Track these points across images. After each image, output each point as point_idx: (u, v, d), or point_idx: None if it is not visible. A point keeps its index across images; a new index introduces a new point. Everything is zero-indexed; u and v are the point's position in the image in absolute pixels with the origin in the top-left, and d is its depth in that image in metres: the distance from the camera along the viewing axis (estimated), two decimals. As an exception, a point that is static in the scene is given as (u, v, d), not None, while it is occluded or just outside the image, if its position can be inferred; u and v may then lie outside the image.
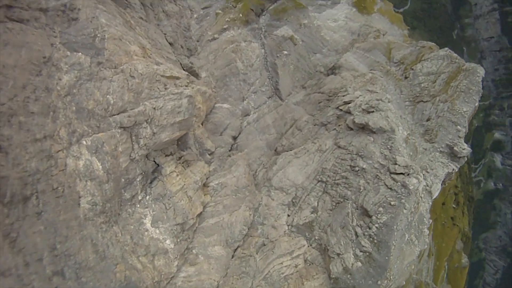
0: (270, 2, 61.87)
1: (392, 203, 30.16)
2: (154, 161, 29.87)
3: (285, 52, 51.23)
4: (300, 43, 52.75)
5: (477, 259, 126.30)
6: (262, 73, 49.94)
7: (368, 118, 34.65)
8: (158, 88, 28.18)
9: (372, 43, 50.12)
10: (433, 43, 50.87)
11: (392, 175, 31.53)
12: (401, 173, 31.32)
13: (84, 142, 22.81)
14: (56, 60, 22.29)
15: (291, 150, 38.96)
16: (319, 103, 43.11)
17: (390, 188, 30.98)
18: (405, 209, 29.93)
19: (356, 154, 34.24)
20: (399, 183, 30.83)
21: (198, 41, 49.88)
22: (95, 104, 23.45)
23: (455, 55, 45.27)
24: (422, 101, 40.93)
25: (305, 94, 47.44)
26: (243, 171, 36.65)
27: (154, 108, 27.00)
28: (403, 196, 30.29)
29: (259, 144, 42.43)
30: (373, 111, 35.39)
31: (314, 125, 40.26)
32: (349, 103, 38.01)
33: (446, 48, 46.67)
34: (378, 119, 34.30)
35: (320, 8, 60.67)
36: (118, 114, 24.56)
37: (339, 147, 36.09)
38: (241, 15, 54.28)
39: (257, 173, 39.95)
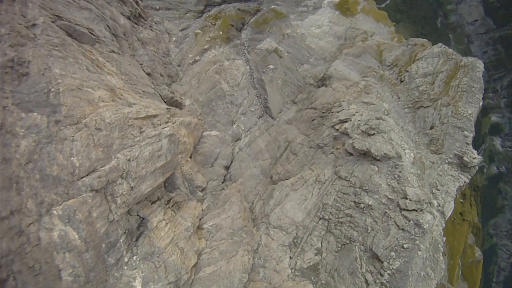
0: (250, 14, 58.50)
1: (405, 246, 26.33)
2: (138, 215, 26.27)
3: (271, 66, 47.76)
4: (286, 55, 49.30)
5: (488, 245, 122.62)
6: (249, 92, 46.43)
7: (369, 144, 30.76)
8: (132, 134, 24.61)
9: (361, 47, 46.54)
10: (424, 40, 47.36)
11: (403, 212, 27.63)
12: (413, 210, 27.50)
13: (55, 212, 19.25)
14: (10, 125, 18.71)
15: (287, 179, 35.13)
16: (312, 120, 39.47)
17: (402, 229, 27.07)
18: (420, 250, 26.12)
19: (359, 188, 30.23)
20: (411, 222, 27.03)
21: (179, 65, 46.41)
22: (60, 169, 19.85)
23: (451, 50, 41.82)
24: (422, 106, 37.31)
25: (296, 110, 43.87)
26: (237, 209, 32.94)
27: (129, 160, 23.40)
28: (417, 236, 26.50)
29: (254, 172, 38.74)
30: (374, 134, 31.49)
31: (310, 147, 36.48)
32: (345, 121, 34.17)
33: (440, 44, 43.14)
34: (381, 144, 30.39)
35: (301, 15, 57.27)
36: (87, 175, 20.94)
37: (339, 177, 32.11)
38: (221, 32, 50.82)
39: (254, 205, 36.21)
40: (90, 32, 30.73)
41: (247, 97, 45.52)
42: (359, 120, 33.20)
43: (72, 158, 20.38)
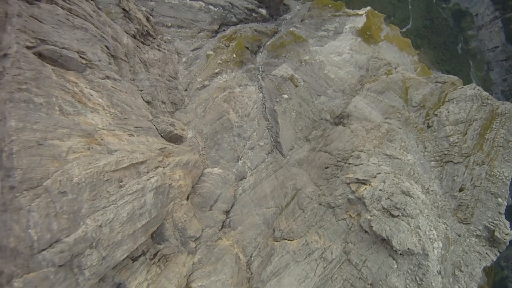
0: (267, 36, 53.87)
1: None
2: (113, 280, 21.54)
3: (285, 96, 42.84)
4: (302, 84, 44.31)
5: (499, 278, 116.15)
6: (260, 123, 41.50)
7: (391, 230, 24.57)
8: (108, 192, 19.93)
9: (384, 83, 41.07)
10: (455, 77, 41.71)
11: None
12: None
13: (16, 284, 15.39)
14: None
15: (290, 241, 29.64)
16: (325, 167, 34.07)
17: None
18: None
19: (371, 285, 24.22)
20: None
21: (186, 90, 41.80)
22: (17, 241, 15.62)
23: (486, 93, 36.17)
24: (451, 161, 31.76)
25: (309, 148, 38.60)
26: (230, 273, 27.60)
27: (100, 226, 18.73)
28: None
29: (255, 220, 33.43)
30: (398, 216, 25.38)
31: (320, 204, 30.92)
32: (363, 183, 28.53)
33: (474, 85, 37.43)
34: (405, 236, 24.10)
35: (321, 40, 52.20)
36: (48, 247, 16.42)
37: (349, 261, 26.02)
38: (234, 55, 46.16)
39: (252, 259, 30.82)
40: (80, 56, 26.38)
41: (257, 129, 40.58)
42: (380, 190, 27.15)
43: (29, 231, 16.02)
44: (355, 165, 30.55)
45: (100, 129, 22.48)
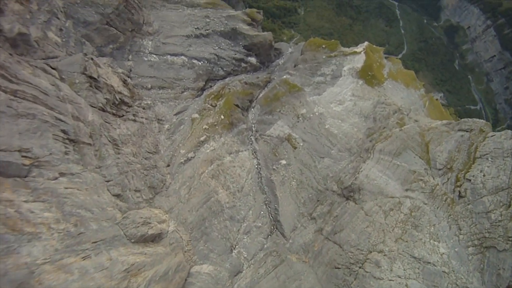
0: (259, 88, 47.78)
1: None
2: None
3: (283, 161, 36.26)
4: (301, 144, 37.74)
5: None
6: (256, 198, 34.67)
7: None
8: None
9: (399, 140, 33.71)
10: (482, 121, 34.22)
11: None
12: None
13: None
14: None
15: None
16: (336, 267, 26.63)
17: None
18: None
19: None
20: None
21: (168, 165, 35.19)
22: None
23: (526, 145, 28.96)
24: (495, 247, 24.33)
25: (315, 229, 31.35)
26: None
27: None
28: None
29: None
30: None
31: None
32: None
33: (510, 133, 30.07)
34: None
35: (319, 87, 45.88)
36: None
37: None
38: (222, 116, 39.79)
39: None
40: (23, 156, 20.17)
41: (253, 207, 33.71)
42: None
43: None
44: (374, 277, 23.13)
45: (40, 265, 15.94)
